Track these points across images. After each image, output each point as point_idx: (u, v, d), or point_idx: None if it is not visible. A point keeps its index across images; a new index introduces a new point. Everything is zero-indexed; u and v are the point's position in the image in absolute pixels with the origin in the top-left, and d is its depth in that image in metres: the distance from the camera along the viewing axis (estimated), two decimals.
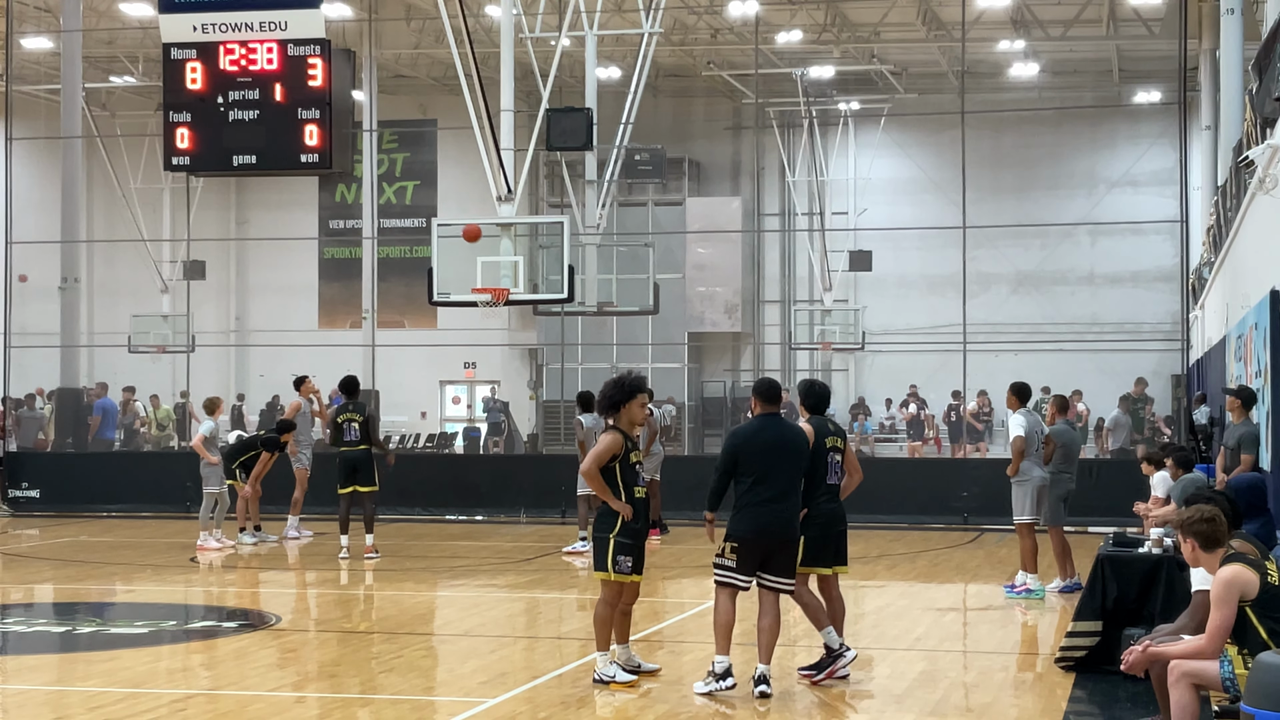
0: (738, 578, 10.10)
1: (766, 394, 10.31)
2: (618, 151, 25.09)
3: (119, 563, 18.12)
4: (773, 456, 10.06)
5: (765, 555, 10.03)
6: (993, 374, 34.99)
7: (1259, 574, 7.66)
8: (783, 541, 10.07)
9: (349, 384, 18.91)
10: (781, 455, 10.09)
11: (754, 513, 9.99)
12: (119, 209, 38.10)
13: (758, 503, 9.99)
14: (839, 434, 10.78)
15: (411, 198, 41.26)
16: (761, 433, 10.16)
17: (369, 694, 10.43)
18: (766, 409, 10.28)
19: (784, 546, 10.09)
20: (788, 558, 10.14)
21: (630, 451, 10.29)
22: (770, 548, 10.02)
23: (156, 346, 35.00)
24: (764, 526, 10.00)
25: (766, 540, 10.00)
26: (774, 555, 10.04)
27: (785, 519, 10.08)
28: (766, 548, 10.01)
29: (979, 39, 34.30)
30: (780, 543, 10.05)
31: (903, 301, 38.86)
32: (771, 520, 10.01)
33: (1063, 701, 10.05)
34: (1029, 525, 15.02)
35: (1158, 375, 35.61)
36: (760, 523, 10.00)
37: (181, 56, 15.78)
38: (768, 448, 10.08)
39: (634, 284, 27.61)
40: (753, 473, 10.02)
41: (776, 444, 10.10)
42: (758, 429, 10.20)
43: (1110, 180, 38.69)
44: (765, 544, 10.01)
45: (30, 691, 10.43)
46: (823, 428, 10.64)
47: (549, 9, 26.20)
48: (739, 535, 10.03)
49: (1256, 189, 15.23)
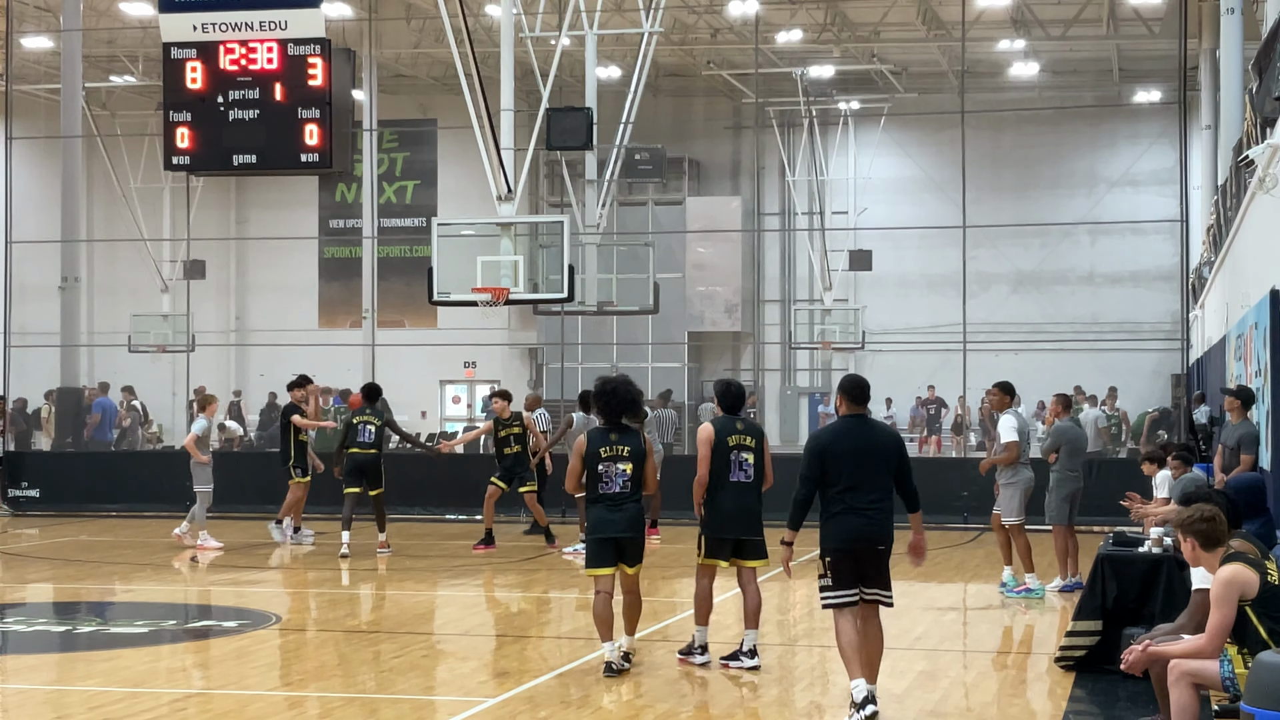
0: (842, 595, 9.33)
1: (854, 392, 9.51)
2: (618, 151, 25.09)
3: (119, 562, 18.12)
4: (863, 461, 9.32)
5: (862, 565, 9.33)
6: (993, 373, 34.87)
7: (1259, 573, 7.65)
8: (877, 550, 9.35)
9: (371, 391, 19.36)
10: (872, 459, 9.35)
11: (844, 522, 9.28)
12: (119, 209, 38.10)
13: (847, 510, 9.27)
14: (749, 433, 11.04)
15: (411, 197, 41.27)
16: (849, 435, 9.41)
17: (369, 694, 10.42)
18: (854, 409, 9.51)
19: (879, 555, 9.37)
20: (882, 566, 9.43)
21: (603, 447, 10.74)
22: (865, 556, 9.32)
23: (156, 346, 35.00)
24: (857, 534, 9.28)
25: (861, 548, 9.30)
26: (869, 564, 9.35)
27: (880, 526, 9.33)
28: (861, 557, 9.31)
29: (979, 39, 34.30)
30: (875, 551, 9.34)
31: (903, 301, 38.87)
32: (865, 527, 9.28)
33: (1063, 701, 10.05)
34: (1020, 525, 14.99)
35: (1158, 375, 35.64)
36: (853, 531, 9.27)
37: (181, 56, 15.77)
38: (857, 451, 9.33)
39: (634, 283, 27.59)
40: (841, 479, 9.28)
41: (866, 447, 9.37)
42: (845, 431, 9.44)
43: (1110, 180, 38.71)
44: (860, 553, 9.30)
45: (30, 691, 10.43)
46: (728, 426, 10.94)
47: (549, 9, 26.20)
48: (831, 547, 9.32)
49: (1256, 188, 15.23)
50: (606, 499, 10.65)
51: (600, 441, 10.70)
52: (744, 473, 10.91)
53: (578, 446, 10.87)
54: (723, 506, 10.90)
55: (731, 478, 10.87)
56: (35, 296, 33.57)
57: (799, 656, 12.15)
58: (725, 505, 10.90)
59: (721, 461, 10.85)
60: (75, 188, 28.17)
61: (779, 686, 10.78)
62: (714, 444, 10.84)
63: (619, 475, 10.64)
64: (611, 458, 10.64)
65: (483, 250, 18.25)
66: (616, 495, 10.64)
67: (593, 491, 10.70)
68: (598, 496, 10.67)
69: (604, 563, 10.67)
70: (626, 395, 10.81)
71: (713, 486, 10.87)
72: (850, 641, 9.23)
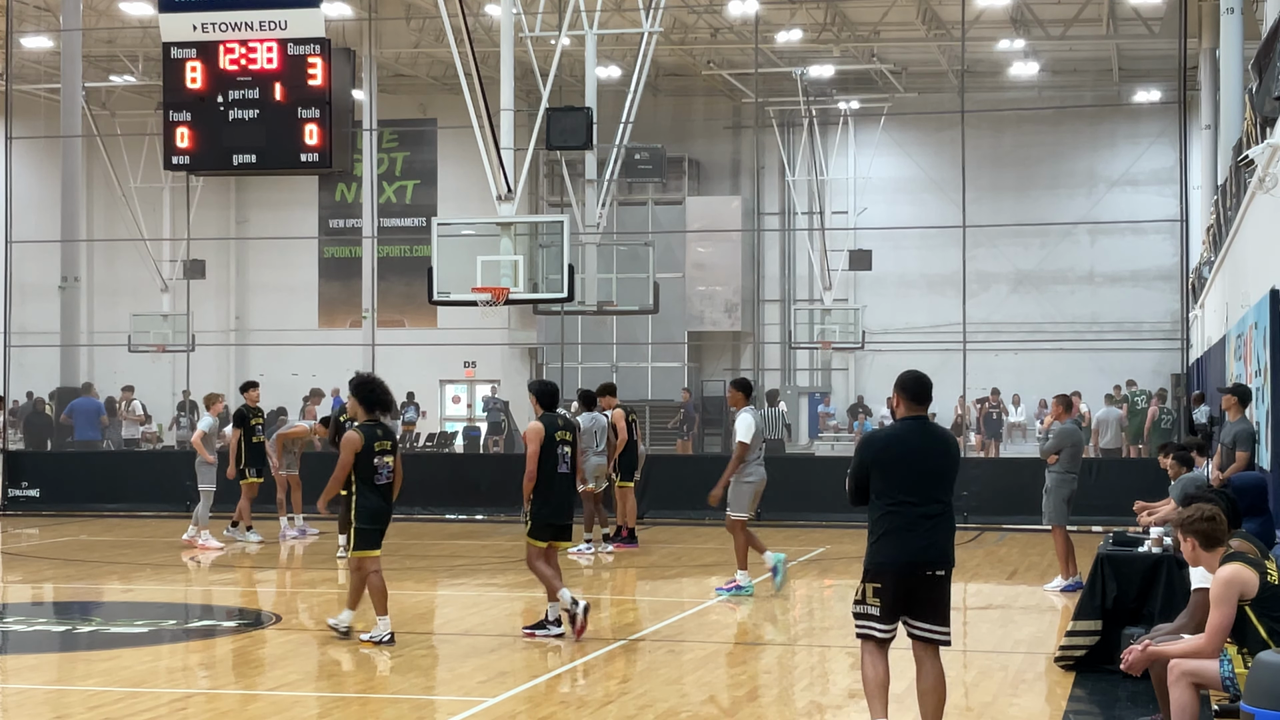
0: (877, 627, 8.04)
1: (914, 390, 8.20)
2: (618, 151, 25.08)
3: (119, 562, 18.13)
4: (923, 469, 8.06)
5: (911, 593, 8.01)
6: (993, 373, 35.08)
7: (1258, 573, 7.66)
8: (936, 575, 8.02)
9: None
10: (933, 468, 8.10)
11: (899, 541, 7.97)
12: (119, 208, 38.11)
13: (902, 528, 7.98)
14: (568, 429, 12.25)
15: (411, 197, 41.28)
16: (907, 439, 8.13)
17: (369, 693, 10.42)
18: (914, 409, 8.20)
19: (936, 582, 8.04)
20: (939, 595, 8.08)
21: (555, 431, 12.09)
22: (919, 582, 8.00)
23: (156, 346, 35.00)
24: (914, 556, 7.97)
25: (915, 572, 7.98)
26: (922, 593, 8.02)
27: (940, 547, 8.04)
28: (913, 583, 7.99)
29: (979, 38, 34.31)
30: (930, 576, 8.01)
31: (903, 301, 38.89)
32: (925, 547, 7.98)
33: (1063, 701, 10.05)
34: (743, 522, 14.76)
35: (1158, 374, 35.64)
36: (909, 551, 7.97)
37: (181, 56, 15.76)
38: (917, 458, 8.07)
39: (634, 283, 27.60)
40: (895, 490, 8.02)
41: (927, 453, 8.11)
42: (903, 434, 8.15)
43: (1110, 179, 38.73)
44: (913, 578, 7.98)
45: (30, 691, 10.43)
46: (553, 423, 12.13)
47: (549, 8, 26.20)
48: (881, 568, 8.02)
49: (1256, 188, 15.24)
50: (380, 489, 11.78)
51: (372, 436, 11.73)
52: (566, 464, 12.17)
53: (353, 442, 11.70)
54: (551, 495, 12.08)
55: (559, 470, 12.11)
56: (35, 296, 33.59)
57: (799, 656, 12.15)
58: (553, 494, 12.09)
59: (549, 456, 12.03)
60: (75, 188, 28.16)
61: (779, 686, 10.79)
62: (543, 440, 12.02)
63: (385, 468, 11.78)
64: (382, 451, 11.74)
65: (483, 250, 18.24)
66: (385, 486, 11.80)
67: (368, 481, 11.69)
68: (374, 486, 11.74)
69: (374, 545, 11.86)
70: (384, 389, 12.07)
71: (542, 478, 12.02)
72: (877, 679, 8.08)
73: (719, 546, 19.61)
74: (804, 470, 24.75)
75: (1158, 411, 29.87)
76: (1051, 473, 15.27)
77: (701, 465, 25.34)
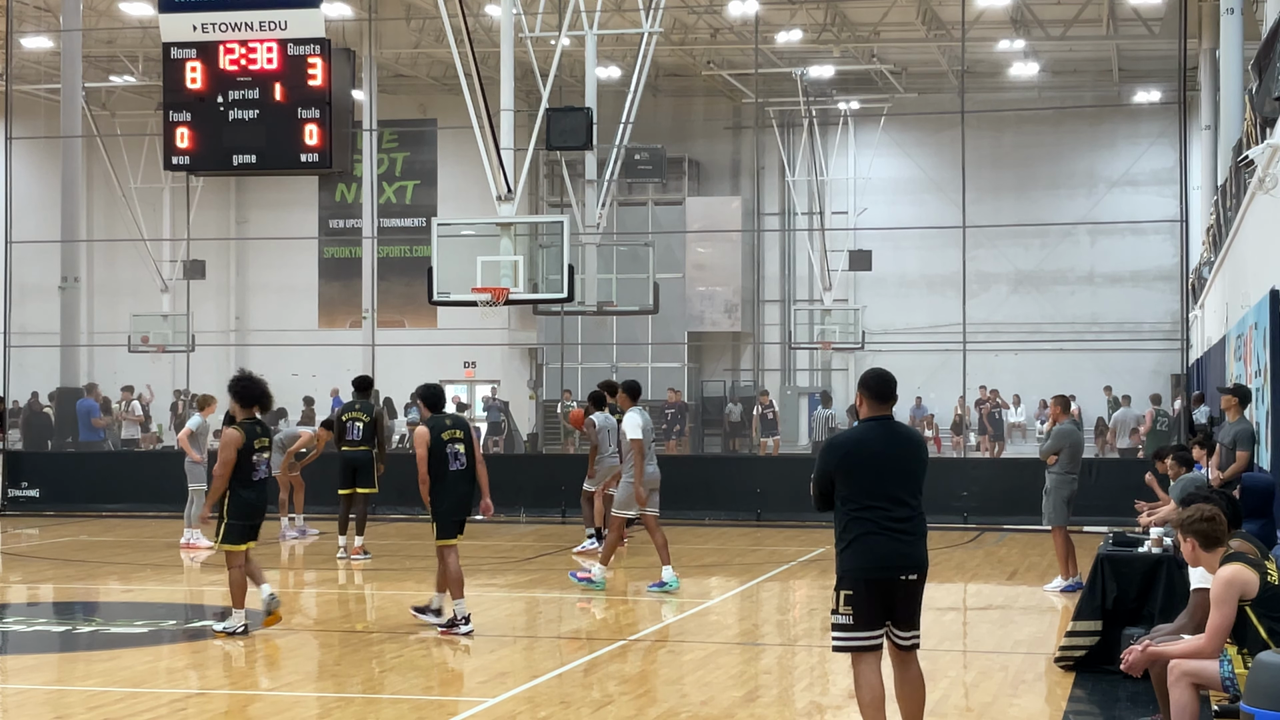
0: (859, 637, 7.74)
1: (877, 388, 7.91)
2: (618, 151, 25.09)
3: (119, 562, 18.12)
4: (891, 470, 7.79)
5: (889, 600, 7.76)
6: (993, 373, 35.10)
7: (1259, 573, 7.65)
8: (910, 579, 7.79)
9: (361, 382, 18.98)
10: (901, 468, 7.83)
11: (870, 545, 7.71)
12: (119, 209, 38.11)
13: (872, 531, 7.72)
14: (458, 426, 12.58)
15: (411, 197, 41.28)
16: (873, 440, 7.83)
17: (369, 694, 10.42)
18: (878, 409, 7.90)
19: (911, 586, 7.80)
20: (915, 601, 7.87)
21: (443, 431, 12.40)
22: (894, 588, 7.74)
23: (156, 346, 34.99)
24: (886, 560, 7.72)
25: (889, 577, 7.73)
26: (899, 597, 7.78)
27: (914, 550, 7.80)
28: (889, 589, 7.73)
29: (979, 39, 34.32)
30: (905, 581, 7.77)
31: (903, 301, 38.90)
32: (896, 552, 7.73)
33: (1063, 701, 10.05)
34: (622, 521, 15.10)
35: (1157, 375, 35.67)
36: (881, 556, 7.71)
37: (181, 56, 15.76)
38: (884, 459, 7.80)
39: (634, 284, 27.62)
40: (862, 494, 7.76)
41: (894, 454, 7.83)
42: (865, 437, 7.86)
43: (1110, 180, 38.74)
44: (888, 583, 7.72)
45: (30, 691, 10.43)
46: (440, 424, 12.46)
47: (549, 9, 26.20)
48: (853, 576, 7.73)
49: (1256, 188, 15.24)
50: (255, 485, 12.33)
51: (251, 433, 12.24)
52: (459, 462, 12.43)
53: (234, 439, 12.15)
54: (448, 493, 12.40)
55: (450, 468, 12.39)
56: (35, 296, 33.57)
57: (799, 656, 12.15)
58: (450, 492, 12.40)
59: (439, 457, 12.34)
60: (75, 188, 28.15)
61: (779, 686, 10.79)
62: (430, 442, 12.32)
63: (263, 464, 12.39)
64: (261, 448, 12.33)
65: (483, 250, 18.23)
66: (261, 481, 12.37)
67: (245, 477, 12.21)
68: (249, 482, 12.26)
69: (247, 539, 12.38)
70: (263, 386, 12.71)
71: (435, 478, 12.33)
72: (874, 697, 7.73)
73: (718, 547, 19.62)
74: (804, 470, 24.69)
75: (1154, 414, 29.89)
76: (1051, 473, 15.26)
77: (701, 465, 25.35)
